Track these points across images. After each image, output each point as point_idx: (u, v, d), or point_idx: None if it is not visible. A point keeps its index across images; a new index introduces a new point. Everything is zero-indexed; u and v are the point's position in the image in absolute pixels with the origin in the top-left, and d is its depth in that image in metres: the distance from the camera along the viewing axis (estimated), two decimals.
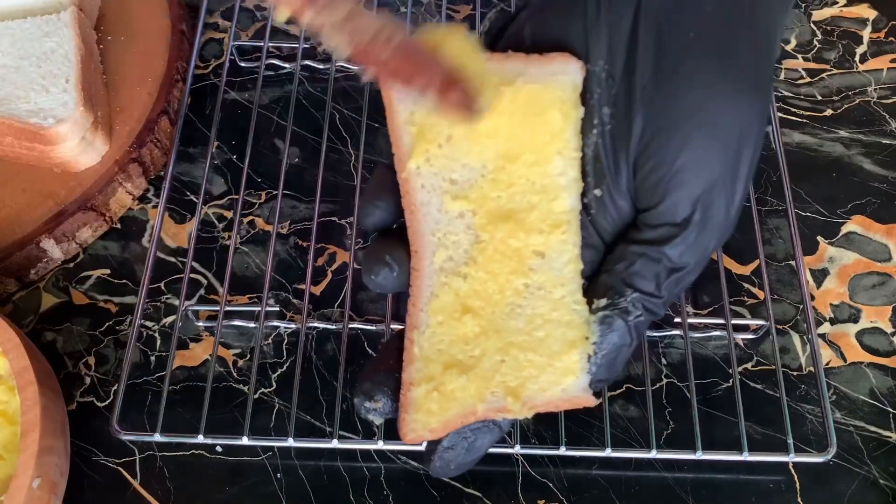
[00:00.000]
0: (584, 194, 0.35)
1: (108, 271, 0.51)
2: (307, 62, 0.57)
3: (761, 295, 0.49)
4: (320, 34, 0.28)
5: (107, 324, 0.49)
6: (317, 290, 0.50)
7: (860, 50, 0.59)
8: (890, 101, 0.56)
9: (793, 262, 0.50)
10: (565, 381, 0.33)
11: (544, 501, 0.43)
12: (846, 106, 0.56)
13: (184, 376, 0.47)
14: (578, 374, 0.33)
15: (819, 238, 0.51)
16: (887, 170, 0.53)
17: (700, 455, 0.41)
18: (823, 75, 0.58)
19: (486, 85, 0.33)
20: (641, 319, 0.34)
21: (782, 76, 0.57)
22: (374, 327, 0.47)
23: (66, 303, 0.50)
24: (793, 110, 0.56)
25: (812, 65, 0.58)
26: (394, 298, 0.46)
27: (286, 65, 0.58)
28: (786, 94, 0.57)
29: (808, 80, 0.57)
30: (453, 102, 0.31)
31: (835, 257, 0.51)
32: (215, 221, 0.52)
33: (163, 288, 0.50)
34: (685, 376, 0.44)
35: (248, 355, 0.48)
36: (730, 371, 0.46)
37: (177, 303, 0.48)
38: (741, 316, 0.48)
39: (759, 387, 0.46)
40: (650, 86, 0.34)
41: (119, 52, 0.56)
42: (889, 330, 0.48)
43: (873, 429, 0.45)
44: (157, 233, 0.48)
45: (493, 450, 0.43)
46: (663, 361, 0.47)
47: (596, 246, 0.36)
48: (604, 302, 0.34)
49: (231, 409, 0.46)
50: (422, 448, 0.42)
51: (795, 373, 0.47)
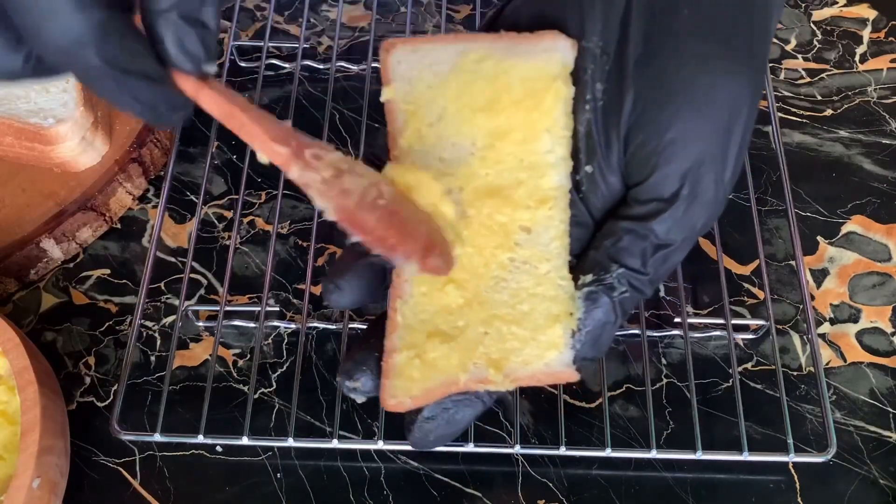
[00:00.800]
0: (575, 171, 0.35)
1: (108, 271, 0.51)
2: (307, 62, 0.57)
3: (761, 295, 0.49)
4: (308, 193, 0.28)
5: (107, 324, 0.49)
6: (317, 290, 0.50)
7: (860, 50, 0.59)
8: (890, 101, 0.56)
9: (793, 262, 0.50)
10: (548, 355, 0.34)
11: (544, 501, 0.43)
12: (846, 106, 0.56)
13: (184, 376, 0.47)
14: (561, 349, 0.34)
15: (819, 238, 0.51)
16: (887, 170, 0.53)
17: (700, 455, 0.41)
18: (823, 75, 0.57)
19: (455, 230, 0.34)
20: (627, 296, 0.34)
21: (782, 76, 0.57)
22: None
23: (66, 303, 0.50)
24: (793, 110, 0.56)
25: (812, 65, 0.58)
26: None
27: (286, 65, 0.58)
28: (786, 94, 0.57)
29: (808, 80, 0.57)
30: (431, 267, 0.32)
31: (835, 257, 0.51)
32: (215, 221, 0.52)
33: (163, 288, 0.50)
34: (685, 376, 0.44)
35: (248, 355, 0.48)
36: (730, 371, 0.46)
37: (177, 303, 0.48)
38: (741, 316, 0.48)
39: (759, 387, 0.46)
40: (642, 61, 0.34)
41: None
42: (889, 330, 0.48)
43: (873, 429, 0.45)
44: (157, 233, 0.48)
45: (493, 450, 0.43)
46: (663, 361, 0.47)
47: (586, 223, 0.35)
48: (590, 277, 0.34)
49: (231, 409, 0.46)
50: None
51: (795, 373, 0.47)
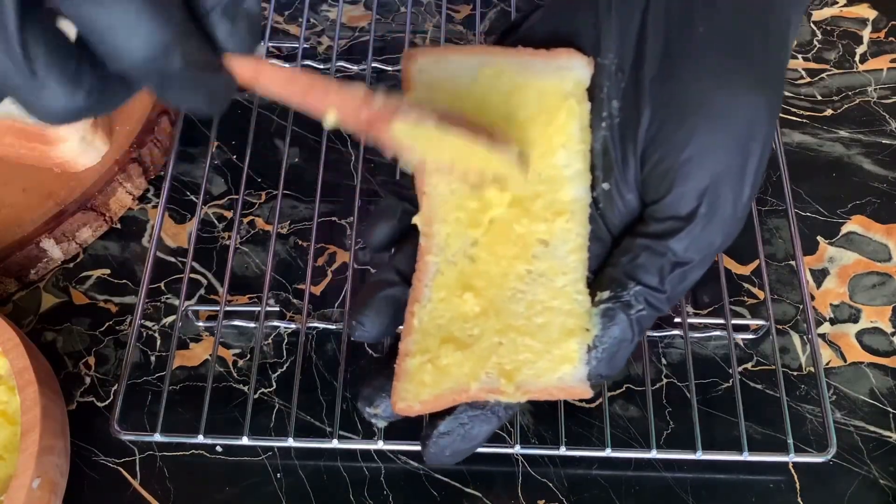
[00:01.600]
0: (592, 188, 0.35)
1: (108, 271, 0.51)
2: (307, 62, 0.57)
3: (761, 295, 0.49)
4: (396, 118, 0.30)
5: (107, 324, 0.49)
6: (317, 290, 0.50)
7: (860, 50, 0.59)
8: (890, 101, 0.56)
9: (793, 262, 0.50)
10: (562, 369, 0.33)
11: (544, 501, 0.43)
12: (846, 106, 0.56)
13: (184, 376, 0.47)
14: (576, 364, 0.33)
15: (819, 238, 0.51)
16: (887, 170, 0.53)
17: (700, 455, 0.41)
18: (823, 75, 0.57)
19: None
20: (644, 314, 0.34)
21: None
22: None
23: (66, 303, 0.50)
24: (793, 110, 0.56)
25: (812, 65, 0.58)
26: None
27: (286, 65, 0.58)
28: (786, 94, 0.57)
29: (808, 80, 0.57)
30: (524, 159, 0.33)
31: (835, 257, 0.51)
32: (215, 221, 0.52)
33: (163, 288, 0.50)
34: (685, 376, 0.44)
35: (248, 355, 0.48)
36: (730, 371, 0.46)
37: (177, 303, 0.48)
38: (741, 316, 0.48)
39: (759, 387, 0.46)
40: (658, 78, 0.34)
41: None
42: (889, 330, 0.48)
43: (873, 429, 0.45)
44: (157, 233, 0.48)
45: (493, 450, 0.43)
46: (663, 361, 0.47)
47: (604, 239, 0.35)
48: (606, 294, 0.34)
49: (231, 409, 0.46)
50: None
51: (795, 373, 0.47)
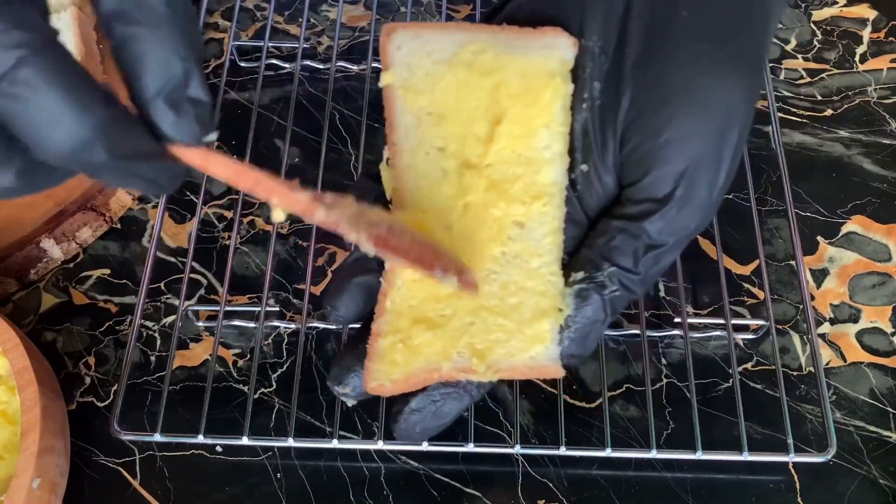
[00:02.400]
0: (570, 170, 0.35)
1: (108, 271, 0.51)
2: (307, 62, 0.57)
3: (761, 295, 0.49)
4: (338, 230, 0.29)
5: (107, 324, 0.49)
6: (317, 290, 0.50)
7: (860, 50, 0.59)
8: (890, 101, 0.56)
9: (793, 262, 0.50)
10: (534, 349, 0.34)
11: (544, 501, 0.43)
12: (846, 106, 0.56)
13: (184, 376, 0.47)
14: (548, 343, 0.34)
15: (819, 238, 0.51)
16: (887, 170, 0.53)
17: (700, 455, 0.41)
18: (823, 75, 0.57)
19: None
20: (617, 294, 0.34)
21: (782, 76, 0.57)
22: None
23: (66, 303, 0.50)
24: (793, 110, 0.56)
25: (812, 65, 0.58)
26: None
27: (286, 65, 0.58)
28: (786, 94, 0.57)
29: (808, 80, 0.57)
30: (468, 281, 0.33)
31: (835, 257, 0.51)
32: (215, 221, 0.52)
33: (163, 288, 0.50)
34: (685, 376, 0.44)
35: (248, 355, 0.48)
36: (730, 371, 0.46)
37: (177, 303, 0.48)
38: (741, 316, 0.48)
39: (759, 387, 0.46)
40: (640, 62, 0.34)
41: None
42: (889, 330, 0.48)
43: (873, 429, 0.45)
44: (157, 233, 0.48)
45: (493, 450, 0.43)
46: (663, 361, 0.47)
47: (580, 222, 0.36)
48: (581, 275, 0.34)
49: (231, 409, 0.46)
50: (422, 448, 0.42)
51: (795, 373, 0.47)
